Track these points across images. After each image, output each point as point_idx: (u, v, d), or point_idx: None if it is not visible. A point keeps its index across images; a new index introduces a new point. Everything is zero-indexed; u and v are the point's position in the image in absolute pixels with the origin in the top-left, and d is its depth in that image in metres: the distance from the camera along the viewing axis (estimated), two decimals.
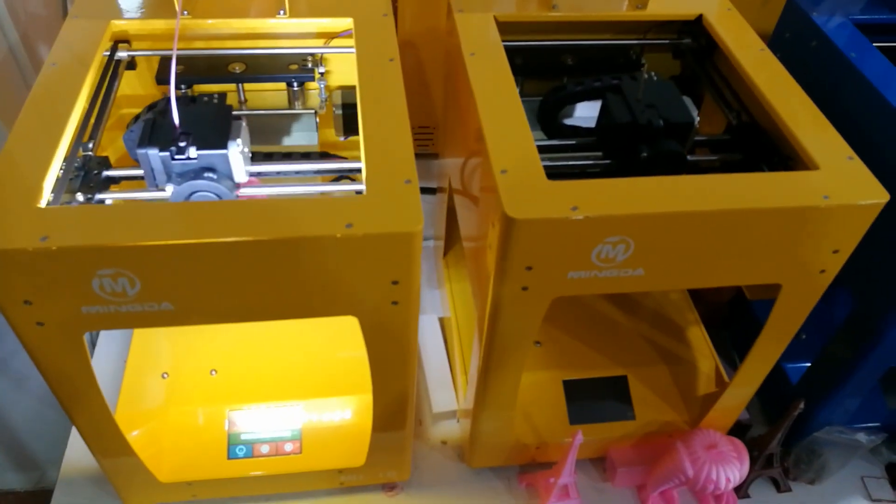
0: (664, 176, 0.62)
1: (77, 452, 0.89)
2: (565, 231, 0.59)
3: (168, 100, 0.62)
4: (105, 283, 0.56)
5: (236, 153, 0.62)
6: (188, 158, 0.62)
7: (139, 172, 0.69)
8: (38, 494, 1.40)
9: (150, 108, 0.73)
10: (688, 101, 0.73)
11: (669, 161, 0.69)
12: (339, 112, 0.85)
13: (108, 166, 0.67)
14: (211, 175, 0.62)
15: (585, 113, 0.86)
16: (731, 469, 0.79)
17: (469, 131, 0.74)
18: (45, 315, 0.58)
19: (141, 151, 0.61)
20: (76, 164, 0.64)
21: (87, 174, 0.65)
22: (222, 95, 0.71)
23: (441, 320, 1.05)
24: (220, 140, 0.63)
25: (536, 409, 0.87)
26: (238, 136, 0.63)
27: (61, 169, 0.62)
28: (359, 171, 0.67)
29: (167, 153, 0.61)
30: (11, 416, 1.25)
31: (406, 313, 0.63)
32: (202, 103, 0.69)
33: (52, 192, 0.59)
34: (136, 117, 0.73)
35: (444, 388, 0.96)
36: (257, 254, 0.56)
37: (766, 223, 0.61)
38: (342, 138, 0.88)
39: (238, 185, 0.64)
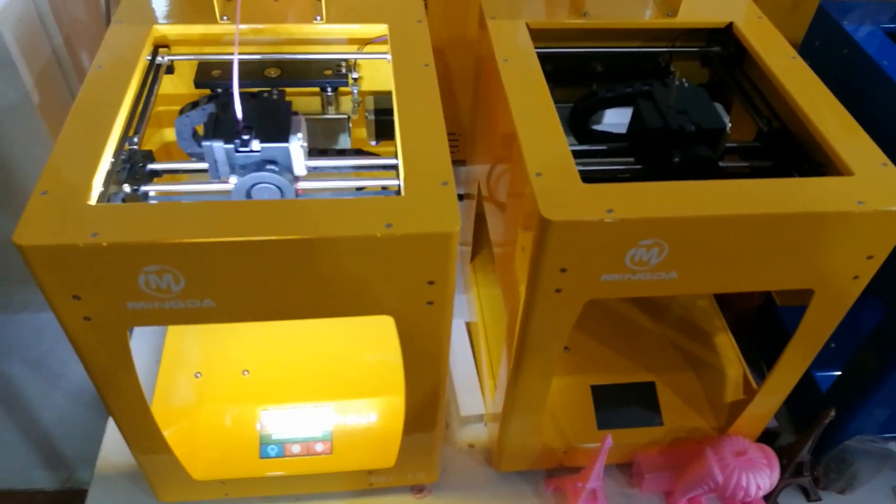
0: (698, 180, 0.63)
1: (112, 450, 0.90)
2: (600, 233, 0.59)
3: (229, 95, 0.64)
4: (151, 279, 0.57)
5: (297, 147, 0.65)
6: (251, 151, 0.64)
7: (182, 166, 0.72)
8: (67, 493, 1.43)
9: (194, 104, 0.75)
10: (719, 107, 0.74)
11: (701, 166, 0.70)
12: (372, 118, 0.87)
13: (152, 159, 0.69)
14: (273, 167, 0.64)
15: (614, 120, 0.87)
16: (762, 476, 0.79)
17: (501, 136, 0.75)
18: (92, 310, 0.59)
19: (206, 144, 0.64)
20: (123, 157, 0.66)
21: (133, 167, 0.67)
22: (281, 92, 0.73)
23: (468, 325, 1.06)
24: (282, 134, 0.65)
25: (564, 414, 0.87)
26: (299, 131, 0.65)
27: (111, 160, 0.63)
28: (395, 167, 0.68)
29: (231, 146, 0.64)
30: (43, 415, 1.28)
31: (441, 313, 0.64)
32: (262, 99, 0.72)
33: (100, 191, 0.61)
34: (181, 111, 0.76)
35: (472, 391, 0.97)
36: (299, 252, 0.57)
37: (800, 228, 0.62)
38: (374, 143, 0.89)
39: (297, 179, 0.66)
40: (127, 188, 0.65)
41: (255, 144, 0.64)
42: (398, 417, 0.77)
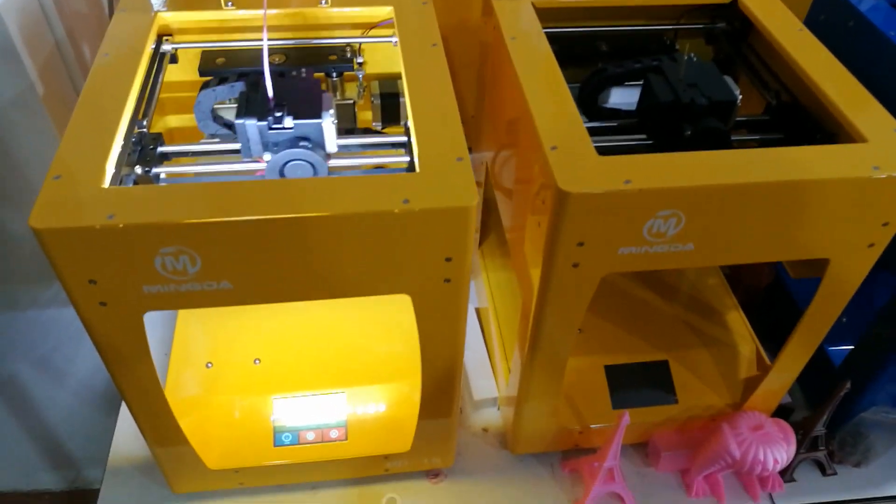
0: (716, 150, 0.63)
1: (123, 445, 0.89)
2: (618, 204, 0.59)
3: (260, 74, 0.64)
4: (167, 261, 0.57)
5: (329, 123, 0.65)
6: (284, 128, 0.64)
7: (191, 148, 0.71)
8: (74, 494, 1.41)
9: (221, 80, 0.75)
10: (728, 80, 0.73)
11: (713, 139, 0.70)
12: (378, 101, 0.87)
13: (162, 142, 0.69)
14: (305, 144, 0.64)
15: (620, 99, 0.87)
16: (779, 450, 0.79)
17: (512, 116, 0.75)
18: (108, 295, 0.59)
19: (239, 122, 0.63)
20: (133, 140, 0.66)
21: (144, 149, 0.67)
22: (309, 71, 0.73)
23: (477, 311, 1.05)
24: (314, 110, 0.65)
25: (579, 395, 0.87)
26: (330, 108, 0.65)
27: (121, 143, 0.63)
28: (403, 145, 0.68)
29: (264, 123, 0.63)
30: (49, 415, 1.27)
31: (458, 291, 0.64)
32: (291, 78, 0.72)
33: (113, 173, 0.61)
34: (205, 85, 0.76)
35: (484, 376, 0.96)
36: (316, 230, 0.56)
37: (816, 195, 0.62)
38: (380, 127, 0.89)
39: (328, 156, 0.66)
40: (139, 170, 0.65)
41: (288, 121, 0.64)
42: (412, 403, 0.77)
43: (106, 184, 0.58)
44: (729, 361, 0.90)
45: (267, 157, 0.65)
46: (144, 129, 0.68)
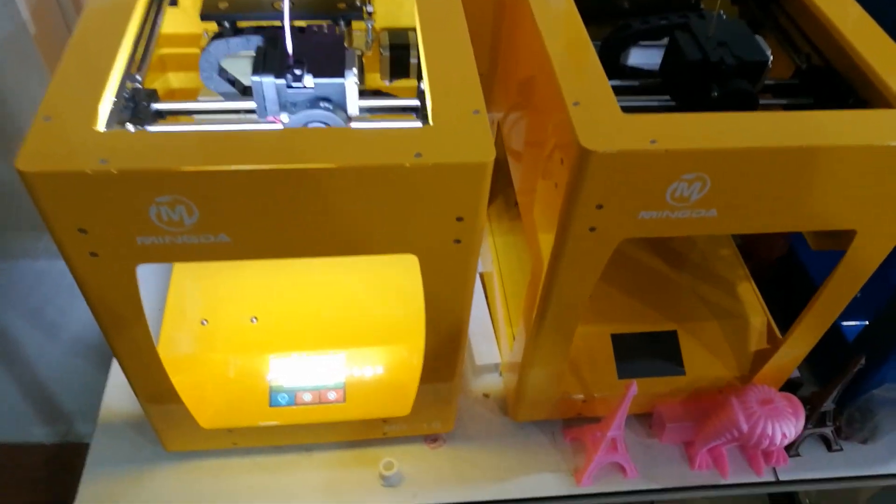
0: (746, 112, 0.59)
1: (114, 400, 0.87)
2: (642, 165, 0.56)
3: (278, 29, 0.60)
4: (162, 211, 0.53)
5: (352, 83, 0.61)
6: (304, 87, 0.60)
7: (188, 106, 0.67)
8: (66, 447, 1.40)
9: (217, 36, 0.71)
10: (760, 39, 0.70)
11: (741, 101, 0.66)
12: (387, 54, 0.82)
13: (157, 99, 0.65)
14: (326, 105, 0.60)
15: (641, 58, 0.83)
16: (787, 425, 0.77)
17: (530, 71, 0.71)
18: (99, 245, 0.55)
19: (255, 79, 0.59)
20: (125, 96, 0.62)
21: (137, 106, 0.63)
22: (331, 26, 0.68)
23: (481, 275, 1.03)
24: (336, 69, 0.61)
25: (584, 363, 0.85)
26: (353, 66, 0.61)
27: (113, 99, 0.59)
28: (415, 109, 0.65)
29: (282, 81, 0.59)
30: (41, 368, 1.24)
31: (468, 253, 0.61)
32: (312, 33, 0.67)
33: (106, 120, 0.57)
34: (217, 35, 0.71)
35: (487, 340, 0.94)
36: (321, 182, 0.53)
37: (847, 162, 0.58)
38: (388, 82, 0.85)
39: (350, 119, 0.62)
40: (130, 128, 0.61)
41: (308, 80, 0.60)
42: (413, 366, 0.75)
43: (100, 127, 0.54)
44: (739, 334, 0.88)
45: (284, 118, 0.61)
46: (139, 85, 0.63)
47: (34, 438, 1.42)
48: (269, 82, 0.60)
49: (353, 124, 0.63)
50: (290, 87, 0.60)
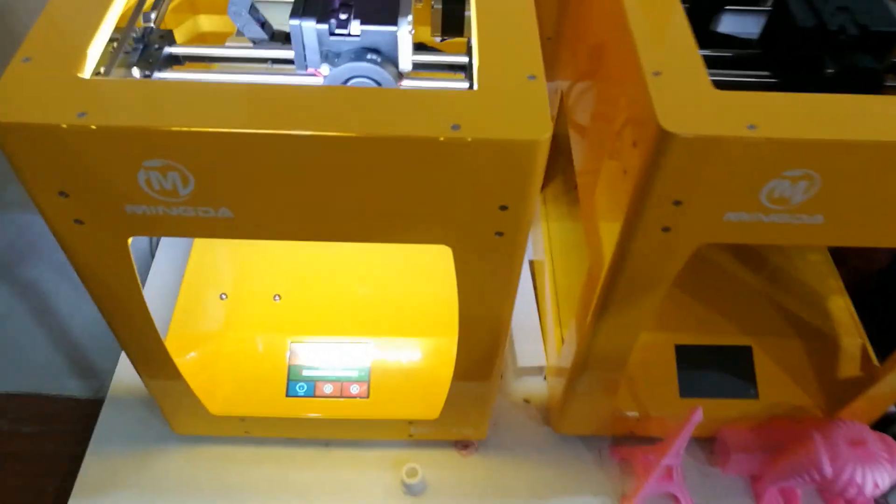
0: (868, 95, 0.47)
1: (127, 370, 0.82)
2: (735, 156, 0.45)
3: None
4: (152, 177, 0.45)
5: (405, 33, 0.52)
6: (349, 35, 0.52)
7: (209, 52, 0.59)
8: (98, 403, 1.39)
9: None
10: (892, 5, 0.57)
11: (862, 81, 0.54)
12: (439, 6, 0.72)
13: (172, 42, 0.57)
14: (374, 57, 0.52)
15: (734, 26, 0.70)
16: (881, 473, 0.65)
17: (603, 32, 0.60)
18: (83, 212, 0.48)
19: (293, 23, 0.51)
20: (134, 36, 0.54)
21: (147, 48, 0.55)
22: None
23: (531, 263, 0.92)
24: (388, 15, 0.52)
25: (642, 375, 0.75)
26: (408, 13, 0.52)
27: (115, 40, 0.51)
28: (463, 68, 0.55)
29: (325, 27, 0.51)
30: (73, 322, 1.21)
31: (512, 249, 0.51)
32: None
33: (103, 64, 0.49)
34: None
35: (532, 339, 0.84)
36: (338, 154, 0.44)
37: None
38: (439, 39, 0.74)
39: (401, 76, 0.53)
40: (136, 72, 0.53)
41: (355, 26, 0.52)
42: (447, 363, 0.66)
43: (86, 74, 0.46)
44: (826, 356, 0.76)
45: (325, 69, 0.53)
46: (152, 25, 0.55)
47: (69, 391, 1.40)
48: (309, 27, 0.52)
49: (406, 82, 0.54)
50: (333, 34, 0.52)
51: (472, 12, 0.53)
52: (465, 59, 0.56)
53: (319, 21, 0.52)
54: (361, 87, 0.51)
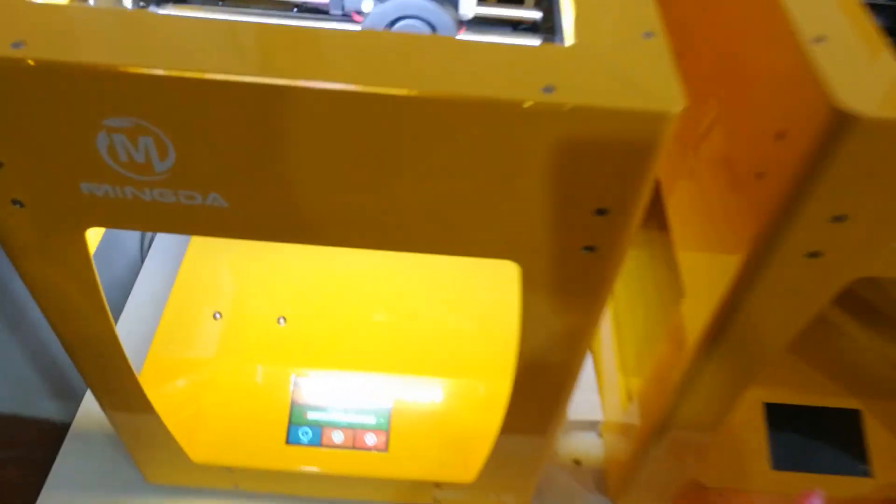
0: None
1: (93, 402, 0.68)
2: None
3: None
4: (118, 142, 0.32)
5: None
6: None
7: None
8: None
9: None
10: None
11: None
12: None
13: None
14: None
15: None
16: None
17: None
18: (21, 188, 0.35)
19: None
20: None
21: None
22: None
23: None
24: None
25: (725, 440, 0.61)
26: None
27: None
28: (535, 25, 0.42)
29: None
30: (51, 334, 1.09)
31: (604, 271, 0.38)
32: None
33: None
34: None
35: (584, 387, 0.71)
36: (375, 122, 0.31)
37: None
38: None
39: (462, 25, 0.42)
40: (128, 3, 0.41)
41: None
42: (488, 410, 0.52)
43: None
44: None
45: (368, 5, 0.41)
46: None
47: (42, 413, 1.27)
48: None
49: (464, 35, 0.41)
50: None
51: None
52: (537, 15, 0.43)
53: None
54: (411, 34, 0.38)
